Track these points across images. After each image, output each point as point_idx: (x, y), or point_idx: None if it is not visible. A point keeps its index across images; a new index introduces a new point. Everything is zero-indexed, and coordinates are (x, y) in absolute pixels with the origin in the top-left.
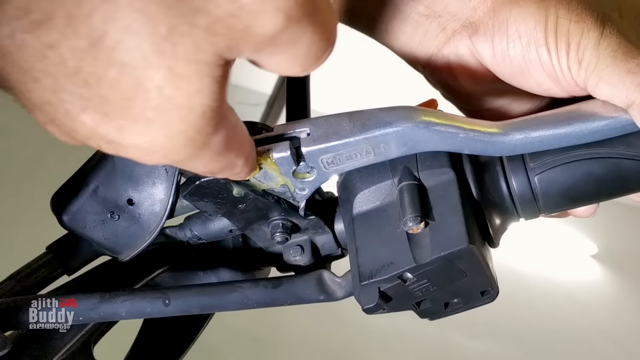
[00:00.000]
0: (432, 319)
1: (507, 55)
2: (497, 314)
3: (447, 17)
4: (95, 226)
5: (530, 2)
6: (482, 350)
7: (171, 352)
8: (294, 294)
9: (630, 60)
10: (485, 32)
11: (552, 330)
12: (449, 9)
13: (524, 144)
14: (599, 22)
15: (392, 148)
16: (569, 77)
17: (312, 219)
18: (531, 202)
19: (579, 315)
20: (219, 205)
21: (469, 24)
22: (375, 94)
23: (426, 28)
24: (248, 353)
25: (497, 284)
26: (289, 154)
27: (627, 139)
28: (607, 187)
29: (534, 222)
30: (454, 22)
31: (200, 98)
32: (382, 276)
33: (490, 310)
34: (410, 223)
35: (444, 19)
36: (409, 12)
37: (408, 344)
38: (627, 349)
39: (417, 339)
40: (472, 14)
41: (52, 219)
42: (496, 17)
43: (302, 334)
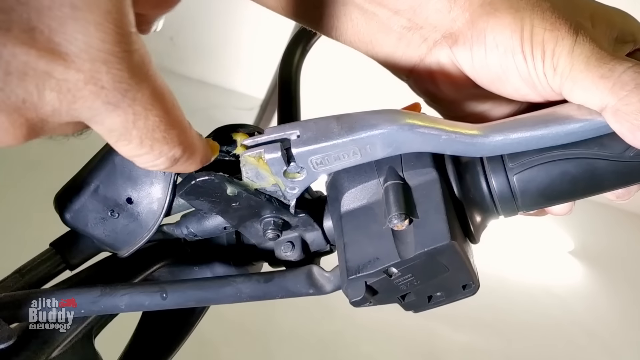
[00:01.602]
0: (417, 312)
1: (486, 63)
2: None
3: (429, 28)
4: (96, 224)
5: (506, 13)
6: (464, 341)
7: (168, 344)
8: (285, 288)
9: (602, 65)
10: (464, 42)
11: (531, 323)
12: (429, 21)
13: (503, 145)
14: (572, 30)
15: (377, 149)
16: (544, 83)
17: (302, 216)
18: (510, 200)
19: (556, 308)
20: (213, 204)
21: (449, 34)
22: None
23: (409, 40)
24: (241, 345)
25: (478, 278)
26: (280, 155)
27: (601, 140)
28: (582, 186)
29: (513, 219)
30: (435, 33)
31: None
32: (368, 271)
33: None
34: (395, 220)
35: (426, 30)
36: (392, 26)
37: (393, 336)
38: (601, 340)
39: (402, 330)
40: (452, 25)
41: (56, 217)
42: (474, 28)
43: (293, 326)
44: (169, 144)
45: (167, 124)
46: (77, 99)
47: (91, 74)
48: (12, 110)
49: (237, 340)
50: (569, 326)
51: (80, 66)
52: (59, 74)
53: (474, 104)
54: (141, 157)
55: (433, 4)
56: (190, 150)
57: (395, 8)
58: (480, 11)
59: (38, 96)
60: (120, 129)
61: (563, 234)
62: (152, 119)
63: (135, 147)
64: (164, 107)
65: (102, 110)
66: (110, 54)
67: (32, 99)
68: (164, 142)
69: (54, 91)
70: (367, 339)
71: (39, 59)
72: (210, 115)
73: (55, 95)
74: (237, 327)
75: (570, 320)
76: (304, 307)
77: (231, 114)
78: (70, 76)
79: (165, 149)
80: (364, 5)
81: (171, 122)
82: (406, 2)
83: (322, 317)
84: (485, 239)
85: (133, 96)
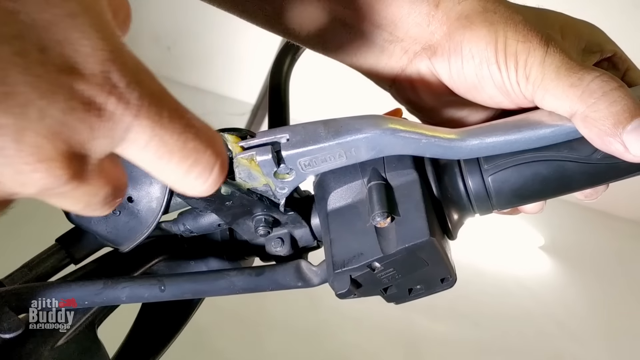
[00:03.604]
0: (398, 303)
1: (462, 73)
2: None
3: (409, 41)
4: (99, 221)
5: (482, 26)
6: (442, 330)
7: (166, 333)
8: (275, 281)
9: (572, 75)
10: (442, 54)
11: (504, 313)
12: (410, 34)
13: (479, 149)
14: (543, 42)
15: (362, 152)
16: (517, 91)
17: (291, 214)
18: (485, 199)
19: (527, 299)
20: (208, 203)
21: (428, 46)
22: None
23: (390, 52)
24: (234, 333)
25: (455, 272)
26: (271, 157)
27: (570, 144)
28: (552, 186)
29: (488, 217)
30: (415, 45)
31: None
32: (353, 265)
33: (449, 295)
34: (378, 218)
35: (406, 43)
36: (375, 39)
37: (376, 325)
38: (569, 329)
39: (384, 321)
40: (431, 37)
41: (61, 214)
42: (452, 40)
43: (283, 317)
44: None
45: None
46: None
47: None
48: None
49: (231, 329)
50: (539, 316)
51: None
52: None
53: (452, 110)
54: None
55: (413, 18)
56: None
57: (377, 23)
58: (457, 24)
59: (90, 130)
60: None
61: (534, 231)
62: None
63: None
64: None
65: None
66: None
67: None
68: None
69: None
70: (351, 329)
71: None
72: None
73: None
74: (230, 317)
75: (541, 310)
76: (292, 299)
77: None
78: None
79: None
80: (347, 21)
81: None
82: (388, 17)
83: (310, 308)
84: (462, 236)
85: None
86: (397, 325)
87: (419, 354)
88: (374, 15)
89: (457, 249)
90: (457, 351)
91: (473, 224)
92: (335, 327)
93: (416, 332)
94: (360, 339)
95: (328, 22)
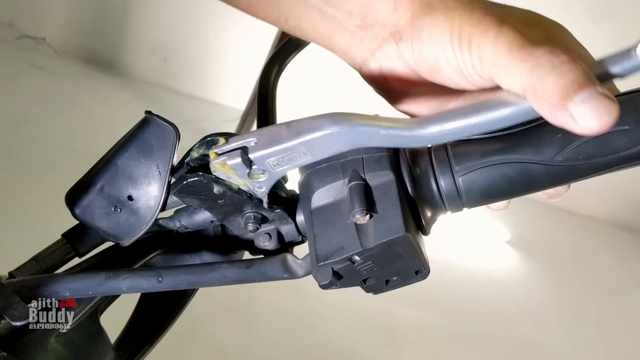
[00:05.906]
0: (376, 293)
1: (423, 56)
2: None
3: (378, 27)
4: (101, 217)
5: (441, 13)
6: (416, 318)
7: (163, 321)
8: (264, 273)
9: (523, 50)
10: (406, 39)
11: (474, 302)
12: (378, 20)
13: (440, 135)
14: (496, 23)
15: (324, 149)
16: (473, 73)
17: (278, 212)
18: (456, 198)
19: (494, 289)
20: (202, 201)
21: (395, 32)
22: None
23: (361, 37)
24: (226, 321)
25: (429, 264)
26: (240, 160)
27: (535, 148)
28: (518, 186)
29: (458, 214)
30: (383, 31)
31: None
32: (335, 258)
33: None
34: (358, 215)
35: (375, 28)
36: (347, 25)
37: (356, 313)
38: (533, 316)
39: (363, 309)
40: (397, 23)
41: (66, 211)
42: (414, 26)
43: (270, 305)
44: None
45: None
46: None
47: None
48: None
49: (222, 317)
50: (506, 304)
51: None
52: None
53: (417, 92)
54: None
55: (381, 5)
56: None
57: (349, 10)
58: (420, 11)
59: None
60: None
61: (501, 226)
62: None
63: None
64: None
65: None
66: None
67: None
68: None
69: None
70: (333, 316)
71: None
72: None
73: None
74: (222, 306)
75: (507, 299)
76: (279, 289)
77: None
78: None
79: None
80: (322, 8)
81: None
82: (358, 4)
83: (295, 297)
84: (434, 231)
85: None
86: (376, 313)
87: (396, 339)
88: (347, 4)
89: (431, 243)
90: (431, 336)
91: (445, 221)
92: (319, 315)
93: (393, 319)
94: (342, 325)
95: (304, 8)
